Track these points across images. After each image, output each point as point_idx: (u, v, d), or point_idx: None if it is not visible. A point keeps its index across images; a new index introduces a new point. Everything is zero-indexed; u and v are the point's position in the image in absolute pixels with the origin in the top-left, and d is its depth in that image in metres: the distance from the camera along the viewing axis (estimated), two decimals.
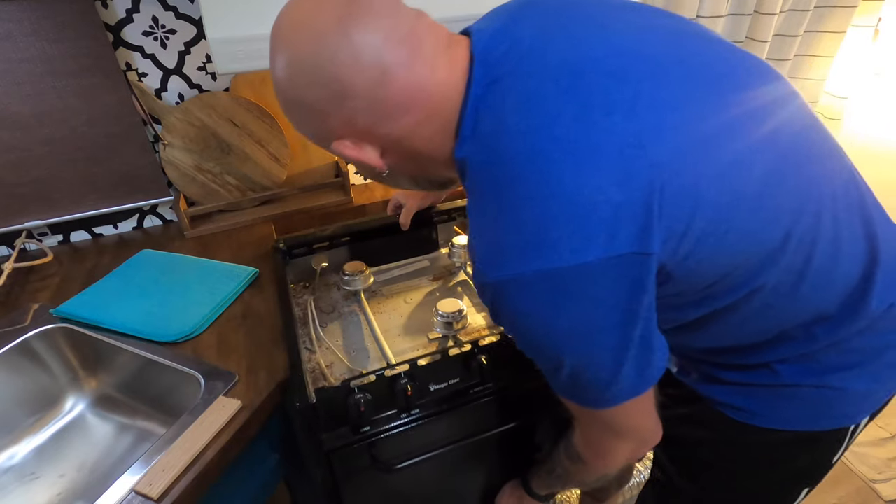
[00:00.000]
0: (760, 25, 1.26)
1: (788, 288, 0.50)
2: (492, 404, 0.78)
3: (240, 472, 0.71)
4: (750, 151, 0.46)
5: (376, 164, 0.52)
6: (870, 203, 0.53)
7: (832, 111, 1.49)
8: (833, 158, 0.53)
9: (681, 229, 0.44)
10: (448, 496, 0.91)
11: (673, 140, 0.43)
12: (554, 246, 0.42)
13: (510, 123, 0.46)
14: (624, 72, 0.45)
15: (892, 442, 1.52)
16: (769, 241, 0.47)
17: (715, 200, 0.44)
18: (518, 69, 0.47)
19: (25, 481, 0.77)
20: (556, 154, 0.43)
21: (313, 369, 0.79)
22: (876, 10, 1.36)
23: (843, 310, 0.52)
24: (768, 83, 0.51)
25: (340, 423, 0.69)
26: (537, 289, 0.44)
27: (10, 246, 1.01)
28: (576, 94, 0.44)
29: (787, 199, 0.47)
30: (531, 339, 0.49)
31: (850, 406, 0.58)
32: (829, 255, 0.49)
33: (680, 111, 0.44)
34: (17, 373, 0.81)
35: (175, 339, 0.78)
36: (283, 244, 0.97)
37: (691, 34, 0.51)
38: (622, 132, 0.43)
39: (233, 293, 0.88)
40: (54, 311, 0.84)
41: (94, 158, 0.99)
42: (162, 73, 1.00)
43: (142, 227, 1.13)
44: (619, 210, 0.42)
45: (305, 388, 0.67)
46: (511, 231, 0.45)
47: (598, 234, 0.42)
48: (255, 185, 1.14)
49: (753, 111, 0.48)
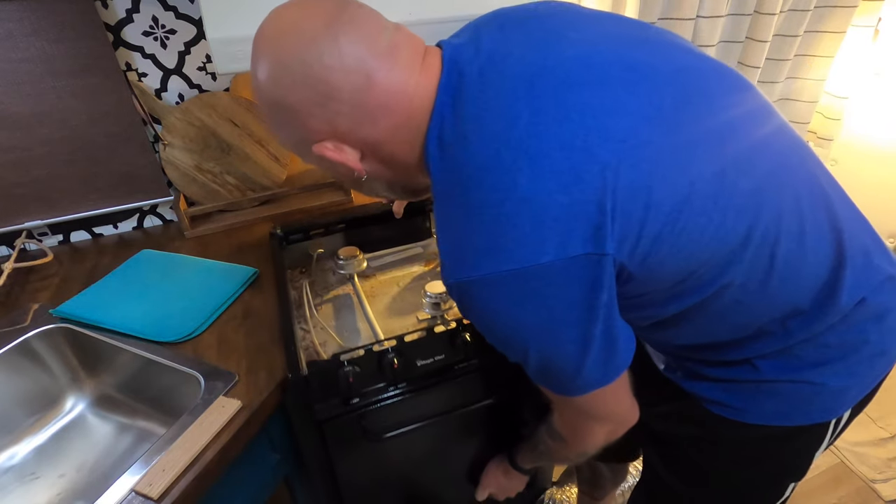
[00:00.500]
0: (760, 25, 1.26)
1: (757, 284, 0.51)
2: (475, 379, 0.82)
3: (240, 472, 0.71)
4: (703, 152, 0.47)
5: (355, 167, 0.53)
6: (836, 200, 0.54)
7: (832, 111, 1.49)
8: (796, 157, 0.54)
9: (635, 230, 0.46)
10: (435, 466, 0.94)
11: (622, 143, 0.45)
12: (511, 249, 0.45)
13: (469, 130, 0.48)
14: (575, 79, 0.47)
15: (892, 442, 1.52)
16: (730, 240, 0.49)
17: (668, 201, 0.46)
18: (479, 79, 0.49)
19: (25, 481, 0.77)
20: (510, 160, 0.45)
21: (307, 347, 0.82)
22: (876, 10, 1.37)
23: (815, 304, 0.54)
24: (727, 87, 0.53)
25: (331, 394, 0.73)
26: (498, 289, 0.47)
27: (10, 246, 1.01)
28: (530, 101, 0.46)
29: (744, 198, 0.48)
30: (497, 335, 0.52)
31: (829, 401, 0.59)
32: (794, 252, 0.51)
33: (628, 116, 0.46)
34: (17, 373, 0.81)
35: (175, 339, 0.78)
36: (279, 230, 1.00)
37: (653, 42, 0.53)
38: (572, 137, 0.45)
39: (233, 293, 0.88)
40: (54, 311, 0.84)
41: (94, 158, 0.99)
42: (162, 73, 1.00)
43: (142, 227, 1.13)
44: (572, 212, 0.44)
45: (298, 361, 0.70)
46: (471, 234, 0.47)
47: (553, 236, 0.44)
48: (255, 184, 1.14)
49: (706, 113, 0.49)
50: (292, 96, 0.48)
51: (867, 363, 0.58)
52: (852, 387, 0.59)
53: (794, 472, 0.66)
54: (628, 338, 0.53)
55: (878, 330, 0.56)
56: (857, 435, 1.53)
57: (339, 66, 0.47)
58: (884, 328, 0.57)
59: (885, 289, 0.56)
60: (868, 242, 0.56)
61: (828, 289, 0.53)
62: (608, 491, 1.15)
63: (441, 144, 0.50)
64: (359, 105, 0.49)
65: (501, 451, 0.94)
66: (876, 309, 0.55)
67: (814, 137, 1.56)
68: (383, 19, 0.51)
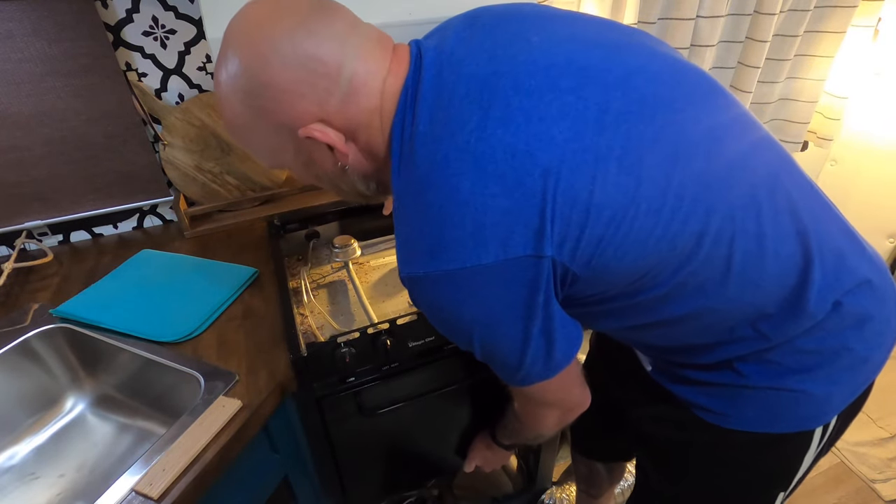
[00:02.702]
0: (760, 25, 1.26)
1: (715, 285, 0.52)
2: (463, 359, 0.86)
3: (240, 472, 0.71)
4: (649, 155, 0.47)
5: (341, 149, 0.52)
6: (800, 200, 0.53)
7: (832, 111, 1.49)
8: (758, 158, 0.53)
9: (575, 233, 0.46)
10: (424, 439, 1.00)
11: (563, 147, 0.45)
12: (453, 249, 0.46)
13: (423, 131, 0.49)
14: (525, 85, 0.47)
15: (892, 442, 1.52)
16: (679, 241, 0.49)
17: (610, 205, 0.46)
18: (436, 80, 0.50)
19: (25, 481, 0.77)
20: (457, 162, 0.46)
21: (305, 331, 0.84)
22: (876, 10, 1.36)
23: (783, 307, 0.54)
24: (686, 90, 0.52)
25: (329, 373, 0.77)
26: (442, 286, 0.48)
27: (10, 246, 1.01)
28: (480, 104, 0.47)
29: (692, 200, 0.48)
30: (444, 327, 0.54)
31: (812, 408, 0.58)
32: (753, 252, 0.51)
33: (572, 120, 0.46)
34: (17, 373, 0.81)
35: (175, 339, 0.78)
36: (277, 220, 1.06)
37: (616, 45, 0.52)
38: (516, 141, 0.45)
39: (233, 293, 0.88)
40: (54, 311, 0.84)
41: (94, 158, 0.99)
42: (162, 73, 1.00)
43: (142, 227, 1.13)
44: (513, 216, 0.45)
45: (298, 343, 0.74)
46: (419, 232, 0.49)
47: (493, 238, 0.46)
48: (254, 185, 1.14)
49: (657, 116, 0.49)
50: (283, 77, 0.47)
51: (850, 371, 0.57)
52: (835, 394, 0.58)
53: (782, 481, 0.66)
54: (569, 337, 0.54)
55: (858, 337, 0.56)
56: (857, 435, 1.53)
57: (329, 43, 0.47)
58: (865, 335, 0.56)
59: (863, 293, 0.55)
60: (843, 244, 0.55)
61: (796, 291, 0.53)
62: (605, 489, 1.15)
63: (402, 140, 0.51)
64: (346, 81, 0.49)
65: (487, 425, 1.00)
66: (855, 315, 0.55)
67: (814, 137, 1.56)
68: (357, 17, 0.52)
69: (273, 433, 0.77)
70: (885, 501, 1.38)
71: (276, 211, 1.12)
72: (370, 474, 0.95)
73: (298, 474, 0.87)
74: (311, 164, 0.55)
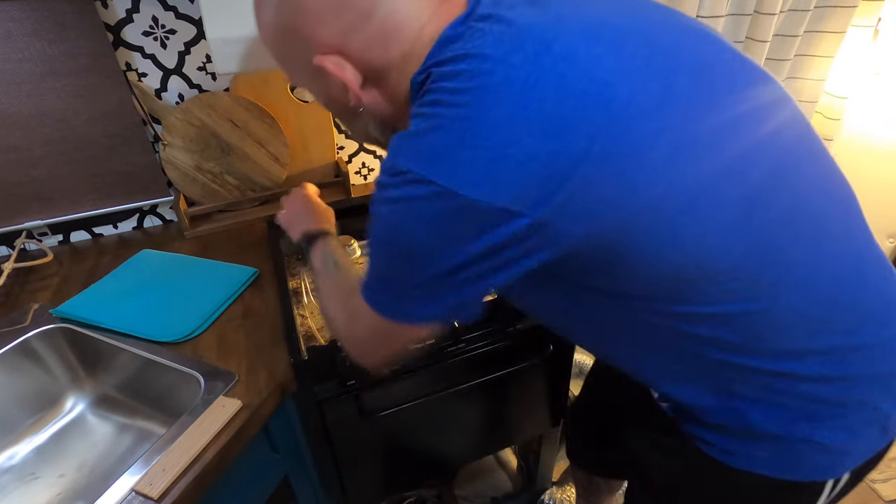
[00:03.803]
0: (760, 25, 1.26)
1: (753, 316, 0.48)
2: (463, 362, 0.86)
3: (240, 472, 0.71)
4: (704, 150, 0.44)
5: (355, 91, 0.50)
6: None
7: (832, 111, 1.49)
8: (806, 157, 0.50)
9: (595, 202, 0.41)
10: (423, 440, 0.99)
11: (622, 108, 0.40)
12: (454, 167, 0.41)
13: (472, 48, 0.43)
14: (591, 34, 0.43)
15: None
16: (719, 256, 0.45)
17: (652, 192, 0.42)
18: (495, 15, 0.45)
19: (25, 481, 0.77)
20: (498, 80, 0.41)
21: (305, 332, 0.84)
22: (876, 10, 1.36)
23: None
24: (745, 80, 0.48)
25: (330, 376, 0.77)
26: (418, 191, 0.43)
27: (10, 246, 1.01)
28: (536, 37, 0.42)
29: (740, 209, 0.45)
30: (378, 228, 0.48)
31: (824, 458, 0.54)
32: (797, 285, 0.48)
33: (638, 86, 0.42)
34: (17, 373, 0.81)
35: (175, 339, 0.78)
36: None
37: (680, 27, 0.49)
38: (575, 85, 0.40)
39: (233, 293, 0.88)
40: (54, 311, 0.84)
41: (94, 158, 0.99)
42: (162, 73, 1.00)
43: (142, 227, 1.13)
44: (528, 163, 0.40)
45: (299, 346, 0.74)
46: (432, 132, 0.43)
47: (492, 175, 0.40)
48: (255, 185, 1.14)
49: (717, 108, 0.45)
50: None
51: (867, 425, 0.54)
52: (849, 448, 0.54)
53: None
54: (468, 312, 0.49)
55: (883, 395, 0.52)
56: None
57: None
58: (891, 393, 0.53)
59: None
60: None
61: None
62: (603, 498, 1.15)
63: (439, 63, 0.46)
64: (379, 22, 0.46)
65: (487, 425, 1.01)
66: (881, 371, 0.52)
67: None
68: None
69: (273, 433, 0.77)
70: (885, 501, 1.38)
71: (276, 211, 1.12)
72: (370, 474, 0.95)
73: (298, 474, 0.87)
74: (327, 95, 0.54)
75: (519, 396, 1.01)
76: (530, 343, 0.90)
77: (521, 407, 1.04)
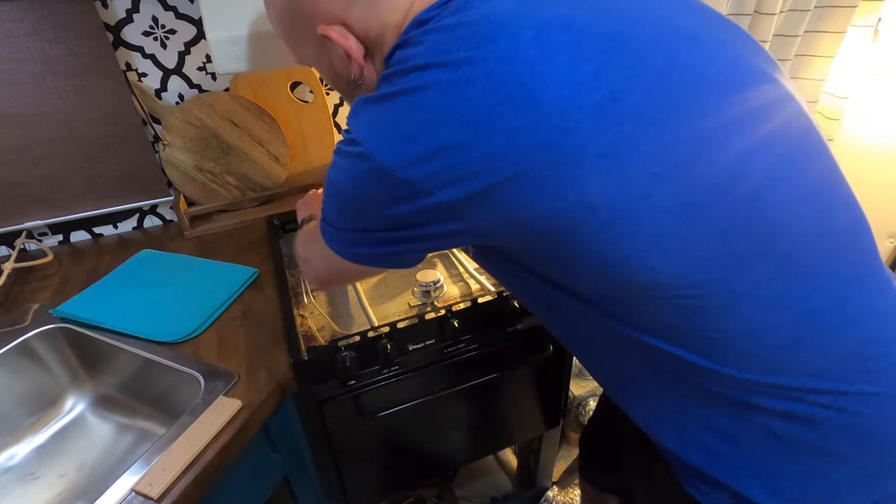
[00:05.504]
0: (760, 25, 1.26)
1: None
2: (463, 362, 0.87)
3: (240, 472, 0.71)
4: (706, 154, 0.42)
5: (357, 59, 0.52)
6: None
7: (832, 111, 1.49)
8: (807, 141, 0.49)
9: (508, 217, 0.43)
10: (426, 440, 1.00)
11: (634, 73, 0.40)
12: (378, 135, 0.44)
13: (430, 37, 0.44)
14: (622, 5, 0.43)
15: None
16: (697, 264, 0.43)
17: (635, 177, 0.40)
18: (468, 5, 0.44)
19: (25, 481, 0.77)
20: (438, 71, 0.41)
21: (306, 332, 0.84)
22: (876, 10, 1.36)
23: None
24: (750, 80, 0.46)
25: (330, 376, 0.77)
26: (351, 150, 0.46)
27: (10, 246, 1.01)
28: (486, 34, 0.41)
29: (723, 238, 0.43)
30: (328, 180, 0.51)
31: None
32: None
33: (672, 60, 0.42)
34: (17, 373, 0.81)
35: (175, 339, 0.78)
36: (277, 220, 1.07)
37: (699, 14, 0.47)
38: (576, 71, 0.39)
39: (233, 293, 0.88)
40: (54, 311, 0.84)
41: (94, 158, 0.99)
42: (162, 73, 1.00)
43: (142, 227, 1.13)
44: (443, 149, 0.41)
45: (299, 346, 0.74)
46: (374, 107, 0.45)
47: (406, 150, 0.42)
48: (255, 185, 1.14)
49: (710, 112, 0.43)
50: None
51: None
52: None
53: None
54: (392, 257, 0.52)
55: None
56: None
57: None
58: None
59: None
60: None
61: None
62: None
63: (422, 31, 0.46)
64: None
65: (486, 426, 1.01)
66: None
67: None
68: None
69: (273, 433, 0.77)
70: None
71: (276, 211, 1.12)
72: (370, 475, 0.96)
73: (298, 474, 0.87)
74: (330, 68, 0.56)
75: (518, 397, 1.01)
76: (530, 344, 0.90)
77: (521, 408, 1.04)
